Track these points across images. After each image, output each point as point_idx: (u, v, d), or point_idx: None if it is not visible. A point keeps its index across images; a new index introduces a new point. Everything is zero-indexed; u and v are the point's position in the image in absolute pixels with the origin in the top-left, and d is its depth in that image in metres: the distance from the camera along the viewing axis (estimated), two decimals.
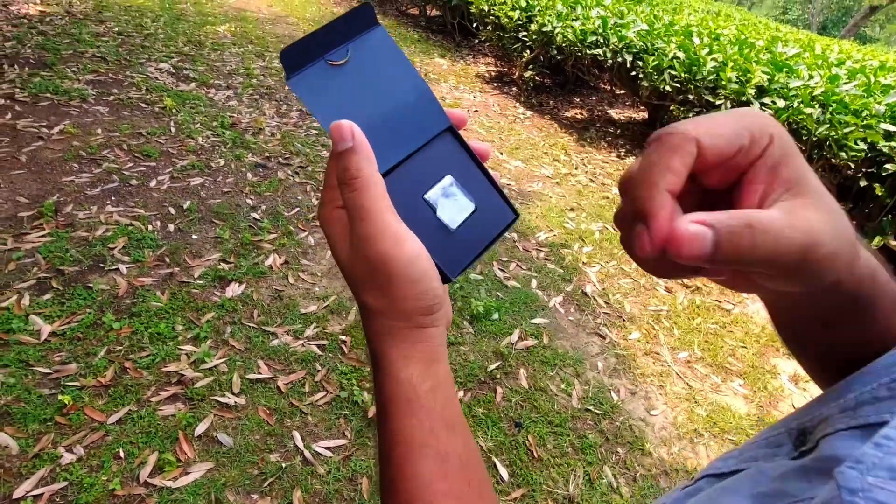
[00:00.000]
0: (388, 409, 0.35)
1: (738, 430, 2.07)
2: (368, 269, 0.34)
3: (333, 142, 0.33)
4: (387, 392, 0.35)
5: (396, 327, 0.35)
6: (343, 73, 0.33)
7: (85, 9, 5.67)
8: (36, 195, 2.64)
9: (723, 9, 14.17)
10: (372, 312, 0.35)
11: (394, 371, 0.35)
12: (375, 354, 0.36)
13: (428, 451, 0.34)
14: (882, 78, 3.71)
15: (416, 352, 0.35)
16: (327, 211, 0.36)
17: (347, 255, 0.35)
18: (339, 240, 0.35)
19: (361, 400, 1.90)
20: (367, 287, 0.35)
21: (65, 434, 1.63)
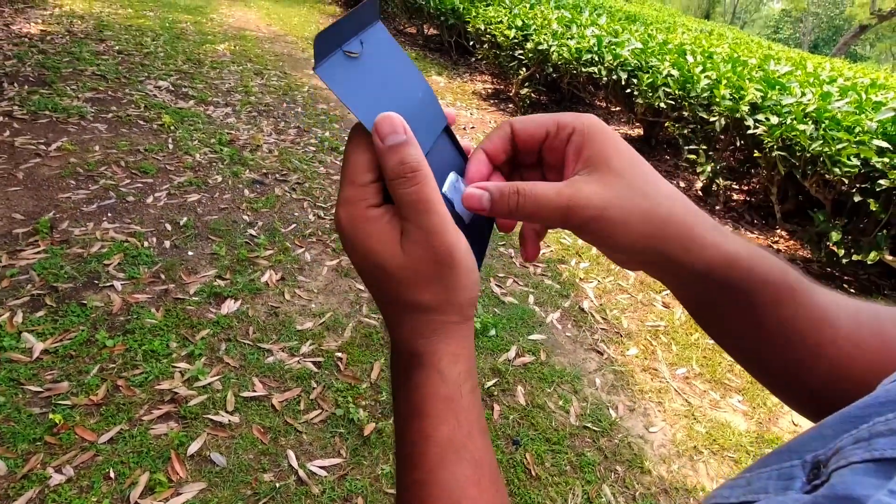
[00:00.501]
0: (423, 408, 0.33)
1: (737, 448, 2.04)
2: (434, 264, 0.32)
3: (381, 135, 0.32)
4: (427, 390, 0.33)
5: (449, 323, 0.34)
6: (360, 64, 0.32)
7: (86, 28, 5.73)
8: (32, 212, 2.63)
9: (715, 28, 14.42)
10: (425, 310, 0.34)
11: (442, 367, 0.34)
12: (416, 352, 0.34)
13: (465, 455, 0.33)
14: (873, 95, 3.75)
15: (462, 349, 0.34)
16: (357, 210, 0.33)
17: (400, 254, 0.32)
18: (385, 239, 0.32)
19: (357, 418, 1.88)
20: (429, 284, 0.33)
21: (54, 454, 1.60)
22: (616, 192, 0.33)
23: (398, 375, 0.35)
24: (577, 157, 0.35)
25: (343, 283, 2.59)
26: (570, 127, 0.35)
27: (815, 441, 0.30)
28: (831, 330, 0.36)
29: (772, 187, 3.71)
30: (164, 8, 7.56)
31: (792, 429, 2.18)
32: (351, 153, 0.33)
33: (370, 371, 2.11)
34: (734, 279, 0.35)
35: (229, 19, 7.86)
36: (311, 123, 4.46)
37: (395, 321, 0.35)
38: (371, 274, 0.34)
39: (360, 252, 0.33)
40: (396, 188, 0.32)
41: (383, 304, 0.35)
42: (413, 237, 0.32)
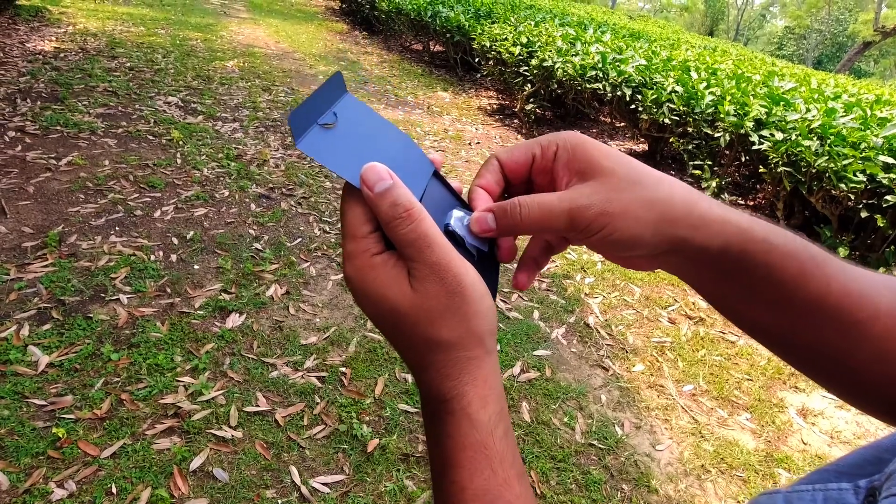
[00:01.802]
0: (457, 458, 0.32)
1: (746, 467, 2.01)
2: (445, 296, 0.32)
3: (369, 184, 0.32)
4: (459, 439, 0.32)
5: (473, 359, 0.33)
6: (337, 132, 0.34)
7: (98, 45, 5.85)
8: (41, 225, 2.66)
9: (719, 45, 14.51)
10: (446, 348, 0.33)
11: (471, 413, 0.32)
12: (446, 398, 0.33)
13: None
14: (878, 111, 3.76)
15: (490, 389, 0.33)
16: (362, 261, 0.33)
17: (411, 294, 0.32)
18: (394, 283, 0.33)
19: (361, 434, 1.87)
20: (444, 318, 0.32)
21: (57, 469, 1.59)
22: (614, 188, 0.34)
23: (429, 424, 0.34)
24: (566, 170, 0.36)
25: (348, 297, 2.59)
26: (553, 145, 0.36)
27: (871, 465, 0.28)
28: (871, 305, 0.33)
29: (777, 203, 3.70)
30: (175, 26, 7.71)
31: (801, 447, 2.15)
32: (346, 210, 0.34)
33: (374, 386, 2.10)
34: (752, 254, 0.33)
35: (238, 37, 7.99)
36: None
37: (419, 367, 0.34)
38: (387, 320, 0.33)
39: (372, 300, 0.33)
40: (394, 230, 0.32)
41: (405, 351, 0.34)
42: (420, 274, 0.32)
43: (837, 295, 0.33)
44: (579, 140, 0.36)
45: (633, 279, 3.18)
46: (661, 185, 0.34)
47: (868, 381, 0.35)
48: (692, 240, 0.34)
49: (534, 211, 0.34)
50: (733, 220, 0.34)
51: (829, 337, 0.34)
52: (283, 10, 11.61)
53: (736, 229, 0.33)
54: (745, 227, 0.34)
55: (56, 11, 6.95)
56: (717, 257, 0.34)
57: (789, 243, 0.34)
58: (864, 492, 0.26)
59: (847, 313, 0.33)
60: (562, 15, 9.49)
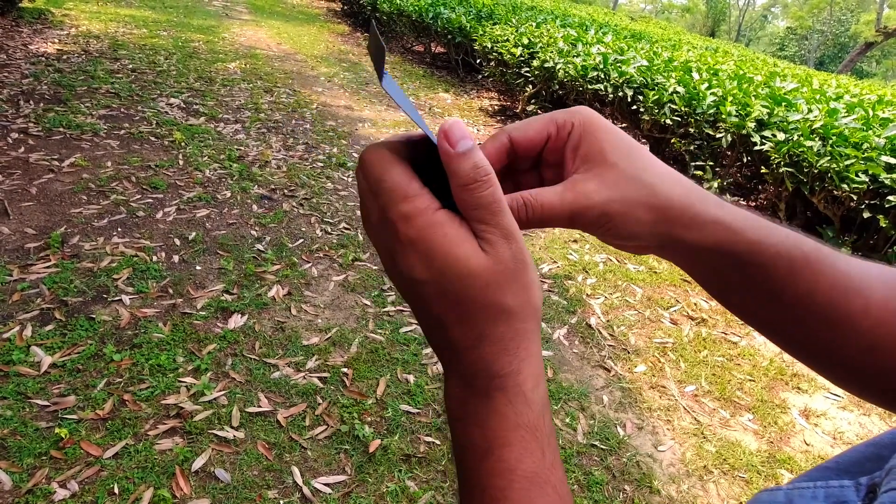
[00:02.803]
0: (507, 437, 0.31)
1: (748, 468, 2.01)
2: (512, 261, 0.31)
3: (452, 141, 0.31)
4: (512, 418, 0.31)
5: (529, 330, 0.32)
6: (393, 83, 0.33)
7: (101, 47, 5.87)
8: (44, 226, 2.67)
9: (721, 45, 14.51)
10: (509, 317, 0.31)
11: (526, 391, 0.31)
12: (500, 374, 0.31)
13: (548, 489, 0.30)
14: (880, 112, 3.75)
15: (540, 369, 0.32)
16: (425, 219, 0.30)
17: (483, 255, 0.31)
18: (465, 241, 0.31)
19: (363, 434, 1.87)
20: (510, 284, 0.31)
21: (59, 469, 1.60)
22: (615, 186, 0.34)
23: (468, 403, 0.32)
24: (574, 154, 0.36)
25: (349, 298, 2.60)
26: (568, 124, 0.36)
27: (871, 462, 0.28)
28: (861, 299, 0.34)
29: (780, 203, 3.69)
30: (177, 28, 7.73)
31: (804, 448, 2.14)
32: (386, 170, 0.31)
33: (376, 387, 2.10)
34: (741, 254, 0.35)
35: (240, 38, 8.01)
36: (319, 140, 4.51)
37: (475, 339, 0.31)
38: (452, 284, 0.31)
39: (440, 262, 0.30)
40: (472, 192, 0.30)
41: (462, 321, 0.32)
42: (492, 238, 0.31)
43: (827, 290, 0.34)
44: (592, 123, 0.36)
45: (634, 280, 3.17)
46: (663, 185, 0.35)
47: (861, 371, 0.36)
48: (684, 239, 0.35)
49: (537, 211, 0.35)
50: (726, 220, 0.35)
51: (819, 331, 0.35)
52: (285, 12, 11.64)
53: (726, 231, 0.35)
54: (737, 228, 0.35)
55: (59, 14, 6.98)
56: (707, 256, 0.35)
57: (781, 242, 0.35)
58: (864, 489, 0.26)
59: (837, 308, 0.34)
60: (563, 16, 9.49)
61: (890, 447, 0.27)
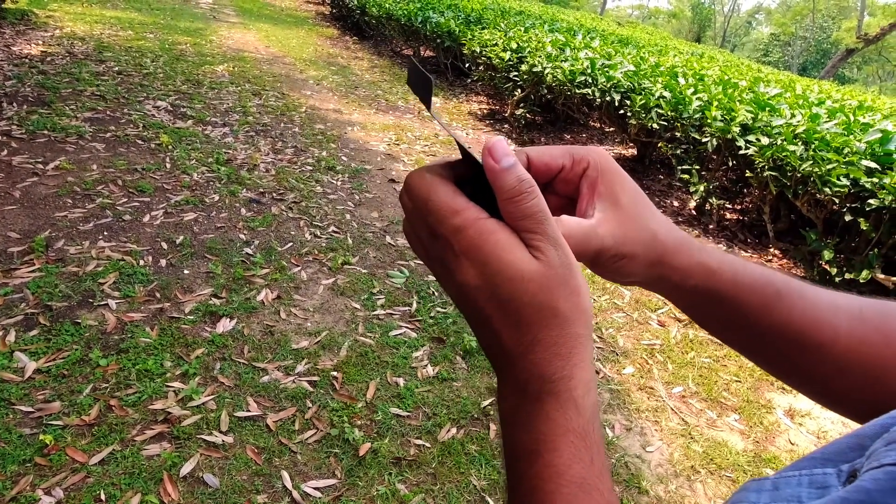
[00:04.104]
0: (556, 442, 0.31)
1: (735, 467, 2.03)
2: (561, 267, 0.32)
3: (496, 157, 0.33)
4: (562, 423, 0.31)
5: (581, 336, 0.32)
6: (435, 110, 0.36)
7: (86, 49, 5.80)
8: (28, 230, 2.63)
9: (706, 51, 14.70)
10: (562, 322, 0.32)
11: (577, 397, 0.31)
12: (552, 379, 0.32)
13: (596, 497, 0.30)
14: (861, 117, 3.83)
15: (592, 375, 0.33)
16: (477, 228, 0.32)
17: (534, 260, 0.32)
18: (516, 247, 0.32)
19: (352, 438, 1.86)
20: (561, 289, 0.32)
21: (44, 476, 1.58)
22: (627, 230, 0.38)
23: (520, 409, 0.33)
24: (591, 191, 0.39)
25: (339, 301, 2.59)
26: (584, 161, 0.39)
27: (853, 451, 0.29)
28: (830, 330, 0.38)
29: (764, 206, 3.75)
30: (164, 30, 7.67)
31: (789, 447, 2.17)
32: (432, 192, 0.33)
33: (366, 390, 2.09)
34: (720, 290, 0.39)
35: (228, 41, 7.97)
36: (308, 143, 4.50)
37: (525, 344, 0.32)
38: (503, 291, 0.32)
39: (493, 267, 0.31)
40: (519, 203, 0.32)
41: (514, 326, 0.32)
42: (540, 244, 0.32)
43: (799, 322, 0.39)
44: (607, 165, 0.39)
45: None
46: (661, 231, 0.39)
47: (833, 390, 0.40)
48: (671, 279, 0.40)
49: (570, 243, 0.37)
50: (708, 263, 0.39)
51: (794, 357, 0.40)
52: (274, 15, 11.60)
53: (705, 272, 0.39)
54: (715, 268, 0.39)
55: (42, 15, 6.90)
56: (689, 293, 0.40)
57: (756, 280, 0.39)
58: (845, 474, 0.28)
59: (809, 338, 0.38)
60: (551, 21, 9.57)
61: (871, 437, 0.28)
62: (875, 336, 0.37)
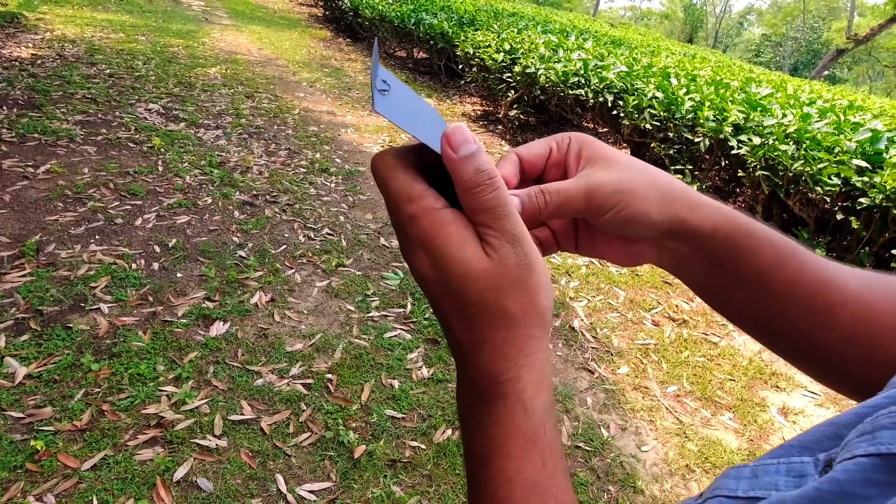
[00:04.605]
0: (506, 447, 0.31)
1: (729, 465, 2.03)
2: (516, 266, 0.31)
3: (454, 146, 0.31)
4: (512, 426, 0.31)
5: (532, 338, 0.32)
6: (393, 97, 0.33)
7: (77, 52, 5.77)
8: (18, 235, 2.61)
9: (698, 52, 14.79)
10: (510, 323, 0.31)
11: (525, 399, 0.31)
12: (500, 380, 0.31)
13: (548, 500, 0.30)
14: (851, 116, 3.86)
15: (544, 377, 0.32)
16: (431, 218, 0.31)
17: (486, 258, 0.31)
18: (468, 243, 0.31)
19: (347, 440, 1.86)
20: (512, 289, 0.31)
21: (35, 482, 1.56)
22: (622, 171, 0.38)
23: (473, 407, 0.33)
24: (577, 160, 0.39)
25: (333, 303, 2.58)
26: (566, 139, 0.40)
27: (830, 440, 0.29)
28: (840, 291, 0.37)
29: (757, 206, 3.78)
30: (155, 32, 7.64)
31: None
32: (391, 175, 0.32)
33: (360, 392, 2.09)
34: (738, 238, 0.37)
35: (221, 43, 7.94)
36: (301, 145, 4.49)
37: (474, 343, 0.32)
38: (452, 286, 0.31)
39: (442, 261, 0.31)
40: (476, 196, 0.31)
41: (461, 323, 0.32)
42: (495, 242, 0.31)
43: (810, 280, 0.37)
44: (587, 136, 0.41)
45: (617, 283, 3.21)
46: (659, 172, 0.39)
47: (839, 362, 0.38)
48: (688, 220, 0.38)
49: (555, 196, 0.37)
50: (721, 206, 0.38)
51: (803, 319, 0.37)
52: (266, 17, 11.57)
53: (723, 215, 0.38)
54: (731, 213, 0.38)
55: (33, 18, 6.85)
56: (708, 240, 0.38)
57: (767, 232, 0.38)
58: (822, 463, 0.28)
59: (818, 297, 0.37)
60: (544, 22, 9.60)
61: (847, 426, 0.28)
62: (882, 303, 0.36)
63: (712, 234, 0.38)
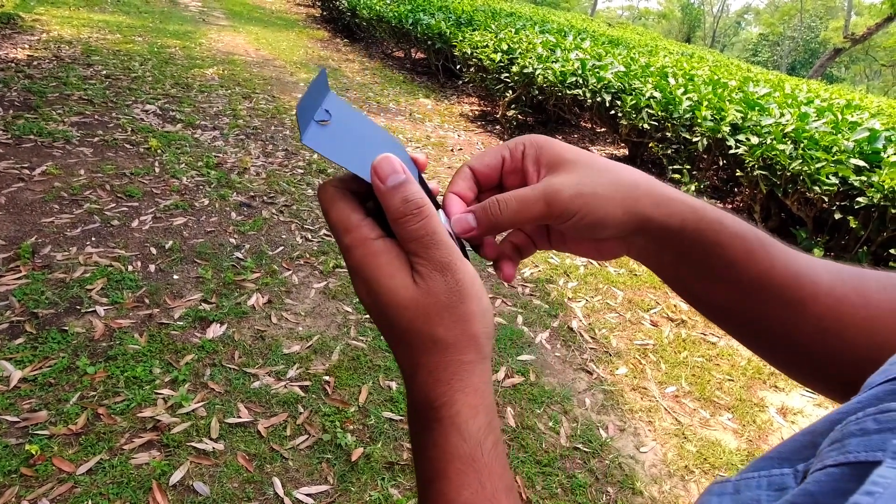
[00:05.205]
0: (444, 470, 0.31)
1: (728, 466, 2.03)
2: (446, 294, 0.32)
3: (382, 176, 0.32)
4: (448, 449, 0.31)
5: (466, 363, 0.32)
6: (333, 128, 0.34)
7: (73, 53, 5.75)
8: (13, 237, 2.60)
9: (696, 51, 14.80)
10: (441, 348, 0.32)
11: (460, 423, 0.32)
12: (435, 405, 0.32)
13: None
14: (849, 115, 3.86)
15: (481, 399, 0.33)
16: (364, 249, 0.33)
17: (413, 287, 0.32)
18: (397, 273, 0.32)
19: (345, 443, 1.85)
20: (442, 316, 0.32)
21: (30, 487, 1.55)
22: (582, 173, 0.36)
23: (416, 432, 0.34)
24: (535, 166, 0.38)
25: (331, 305, 2.57)
26: (520, 145, 0.39)
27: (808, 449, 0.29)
28: (811, 285, 0.36)
29: (755, 205, 3.77)
30: (152, 33, 7.62)
31: None
32: (331, 205, 0.34)
33: (358, 394, 2.08)
34: (706, 232, 0.37)
35: (218, 44, 7.93)
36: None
37: (411, 367, 0.33)
38: (384, 313, 0.33)
39: (374, 290, 0.32)
40: (403, 226, 0.32)
41: (398, 348, 0.34)
42: (424, 271, 0.32)
43: (781, 274, 0.36)
44: (544, 139, 0.39)
45: (615, 283, 3.21)
46: (623, 169, 0.38)
47: (810, 357, 0.37)
48: (654, 217, 0.37)
49: (511, 204, 0.36)
50: (688, 200, 0.37)
51: (774, 313, 0.37)
52: (264, 18, 11.55)
53: (690, 209, 0.37)
54: (699, 207, 0.37)
55: (29, 19, 6.83)
56: (675, 235, 0.37)
57: (737, 225, 0.37)
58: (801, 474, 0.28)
59: (790, 291, 0.36)
60: (542, 22, 9.60)
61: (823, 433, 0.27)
62: (853, 296, 0.36)
63: (680, 230, 0.37)
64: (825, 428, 0.28)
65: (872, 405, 0.26)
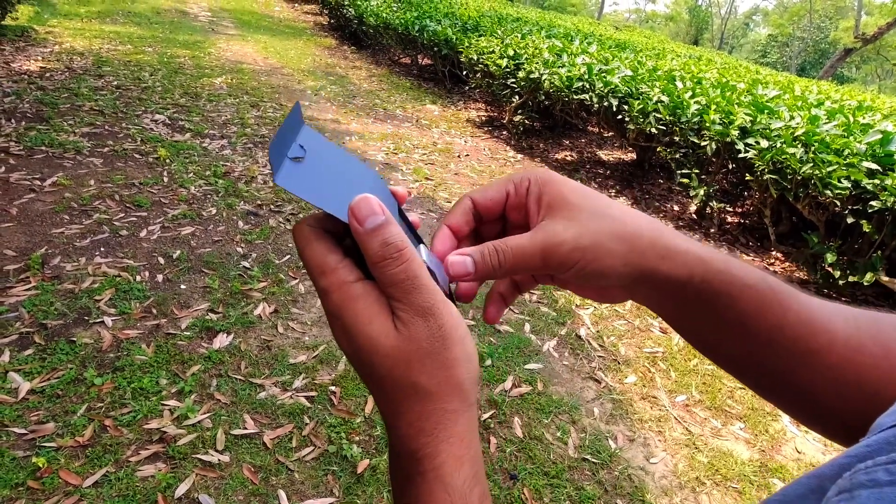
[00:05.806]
0: None
1: (740, 478, 1.99)
2: (427, 340, 0.31)
3: (360, 218, 0.31)
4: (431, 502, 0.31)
5: (450, 412, 0.31)
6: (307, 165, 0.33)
7: (85, 64, 5.83)
8: (24, 248, 2.62)
9: (704, 54, 14.72)
10: (423, 397, 0.31)
11: (444, 475, 0.31)
12: (417, 456, 0.31)
13: None
14: (861, 117, 3.80)
15: (466, 449, 0.32)
16: (341, 293, 0.31)
17: (394, 334, 0.31)
18: (376, 319, 0.31)
19: (351, 454, 1.83)
20: (423, 363, 0.31)
21: (37, 500, 1.55)
22: (583, 222, 0.35)
23: (399, 483, 0.32)
24: (538, 205, 0.37)
25: None
26: (525, 181, 0.38)
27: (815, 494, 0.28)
28: (827, 335, 0.35)
29: (765, 210, 3.72)
30: (162, 43, 7.71)
31: (796, 456, 2.13)
32: (306, 246, 0.32)
33: (364, 405, 2.07)
34: (714, 284, 0.35)
35: (227, 53, 8.00)
36: None
37: (394, 416, 0.32)
38: (363, 360, 0.32)
39: (351, 335, 0.31)
40: (383, 270, 0.31)
41: (380, 396, 0.32)
42: (405, 316, 0.31)
43: (794, 324, 0.35)
44: (549, 176, 0.37)
45: None
46: (627, 217, 0.36)
47: (828, 408, 0.36)
48: (659, 270, 0.35)
49: (509, 256, 0.35)
50: (695, 250, 0.35)
51: (788, 365, 0.36)
52: (272, 27, 11.66)
53: (698, 260, 0.35)
54: (707, 258, 0.35)
55: (42, 31, 6.94)
56: (682, 287, 0.35)
57: (748, 275, 0.35)
58: None
59: (804, 342, 0.35)
60: (548, 27, 9.59)
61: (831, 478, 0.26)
62: (871, 346, 0.34)
63: (687, 282, 0.35)
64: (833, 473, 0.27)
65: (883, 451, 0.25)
